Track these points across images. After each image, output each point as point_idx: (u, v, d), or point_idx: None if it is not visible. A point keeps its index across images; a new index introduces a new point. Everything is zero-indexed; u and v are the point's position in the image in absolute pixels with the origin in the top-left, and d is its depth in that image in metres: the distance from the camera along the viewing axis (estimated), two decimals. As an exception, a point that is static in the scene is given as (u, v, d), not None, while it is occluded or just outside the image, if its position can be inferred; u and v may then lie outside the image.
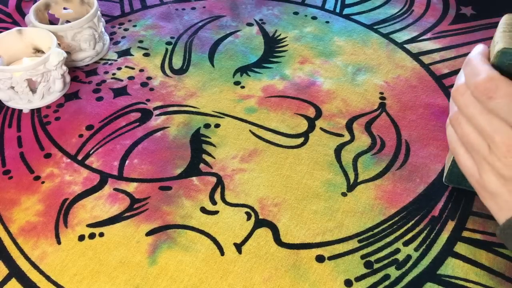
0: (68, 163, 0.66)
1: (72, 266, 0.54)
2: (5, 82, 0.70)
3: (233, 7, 0.95)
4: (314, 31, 0.87)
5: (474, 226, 0.57)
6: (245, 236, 0.57)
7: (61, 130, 0.71)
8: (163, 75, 0.79)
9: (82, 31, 0.79)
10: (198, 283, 0.52)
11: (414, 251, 0.55)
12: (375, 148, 0.66)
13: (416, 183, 0.62)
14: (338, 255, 0.55)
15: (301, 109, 0.72)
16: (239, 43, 0.85)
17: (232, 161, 0.65)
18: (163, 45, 0.86)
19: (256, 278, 0.53)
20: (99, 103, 0.75)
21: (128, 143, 0.68)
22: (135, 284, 0.53)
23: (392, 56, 0.81)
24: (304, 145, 0.67)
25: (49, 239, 0.57)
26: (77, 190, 0.62)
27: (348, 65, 0.80)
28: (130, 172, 0.64)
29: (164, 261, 0.55)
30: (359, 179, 0.62)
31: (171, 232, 0.57)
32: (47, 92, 0.74)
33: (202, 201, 0.61)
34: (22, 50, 0.78)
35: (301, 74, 0.79)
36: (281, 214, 0.59)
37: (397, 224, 0.58)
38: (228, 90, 0.76)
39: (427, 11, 0.92)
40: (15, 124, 0.72)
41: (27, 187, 0.63)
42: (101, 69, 0.81)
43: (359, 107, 0.72)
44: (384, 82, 0.76)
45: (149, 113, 0.73)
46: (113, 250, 0.56)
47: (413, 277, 0.53)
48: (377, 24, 0.89)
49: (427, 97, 0.74)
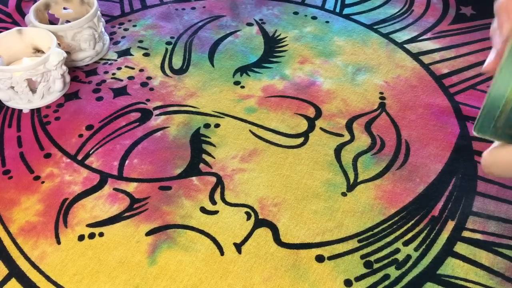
0: (68, 163, 0.66)
1: (71, 266, 0.54)
2: (5, 82, 0.70)
3: (233, 7, 0.95)
4: (314, 31, 0.87)
5: (474, 226, 0.57)
6: (245, 236, 0.57)
7: (61, 130, 0.71)
8: (163, 75, 0.79)
9: (82, 31, 0.79)
10: (198, 283, 0.52)
11: (414, 251, 0.55)
12: (375, 148, 0.66)
13: (416, 183, 0.62)
14: (338, 255, 0.55)
15: (301, 109, 0.72)
16: (239, 43, 0.85)
17: (232, 161, 0.65)
18: (163, 45, 0.86)
19: (255, 278, 0.53)
20: (99, 103, 0.75)
21: (128, 143, 0.68)
22: (134, 284, 0.53)
23: (392, 56, 0.81)
24: (304, 145, 0.67)
25: (49, 239, 0.57)
26: (77, 190, 0.62)
27: (348, 65, 0.80)
28: (130, 172, 0.64)
29: (164, 261, 0.55)
30: (359, 179, 0.62)
31: (171, 232, 0.57)
32: (47, 92, 0.74)
33: (202, 201, 0.61)
34: (22, 50, 0.78)
35: (301, 74, 0.79)
36: (281, 214, 0.59)
37: (397, 224, 0.58)
38: (228, 90, 0.76)
39: (427, 11, 0.92)
40: (15, 124, 0.72)
41: (27, 187, 0.63)
42: (101, 69, 0.81)
43: (359, 107, 0.72)
44: (384, 82, 0.76)
45: (149, 113, 0.73)
46: (112, 250, 0.56)
47: (413, 277, 0.53)
48: (377, 24, 0.89)
49: (427, 97, 0.74)
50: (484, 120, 0.32)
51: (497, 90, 0.31)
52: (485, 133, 0.32)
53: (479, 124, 0.32)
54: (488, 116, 0.32)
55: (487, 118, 0.32)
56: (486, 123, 0.32)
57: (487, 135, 0.32)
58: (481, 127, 0.32)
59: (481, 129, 0.32)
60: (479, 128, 0.32)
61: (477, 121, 0.32)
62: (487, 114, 0.32)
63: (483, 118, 0.32)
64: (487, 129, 0.32)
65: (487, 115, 0.32)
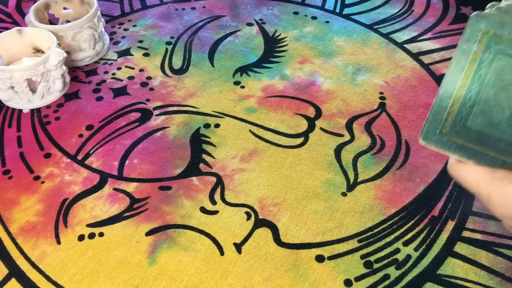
0: (68, 163, 0.66)
1: (71, 266, 0.54)
2: (5, 82, 0.70)
3: (233, 7, 0.95)
4: (314, 31, 0.87)
5: (474, 226, 0.57)
6: (245, 236, 0.57)
7: (61, 130, 0.71)
8: (163, 75, 0.79)
9: (82, 31, 0.79)
10: (198, 283, 0.52)
11: (414, 251, 0.55)
12: (375, 148, 0.66)
13: (416, 183, 0.62)
14: (337, 255, 0.55)
15: (301, 109, 0.72)
16: (239, 43, 0.85)
17: (232, 161, 0.65)
18: (163, 45, 0.86)
19: (255, 278, 0.53)
20: (99, 103, 0.75)
21: (128, 143, 0.68)
22: (134, 284, 0.53)
23: (392, 56, 0.81)
24: (304, 145, 0.67)
25: (49, 239, 0.57)
26: (77, 190, 0.62)
27: (348, 65, 0.80)
28: (130, 172, 0.64)
29: (163, 261, 0.55)
30: (359, 179, 0.62)
31: (171, 232, 0.57)
32: (47, 92, 0.74)
33: (202, 201, 0.61)
34: (22, 50, 0.78)
35: (301, 74, 0.78)
36: (281, 214, 0.59)
37: (397, 224, 0.58)
38: (228, 90, 0.76)
39: (427, 11, 0.91)
40: (15, 124, 0.72)
41: (27, 187, 0.63)
42: (101, 69, 0.81)
43: (359, 107, 0.72)
44: (384, 82, 0.76)
45: (149, 113, 0.73)
46: (112, 250, 0.56)
47: (413, 277, 0.53)
48: (377, 24, 0.89)
49: (427, 97, 0.74)
50: (431, 125, 0.30)
51: (445, 88, 0.30)
52: (430, 141, 0.31)
53: (424, 130, 0.31)
54: (434, 120, 0.30)
55: (433, 122, 0.30)
56: (432, 128, 0.30)
57: (432, 143, 0.31)
58: (426, 133, 0.31)
59: (426, 136, 0.31)
60: (424, 135, 0.31)
61: (423, 127, 0.31)
62: (433, 118, 0.30)
63: (430, 123, 0.31)
64: (433, 136, 0.31)
65: (433, 119, 0.30)
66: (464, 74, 0.31)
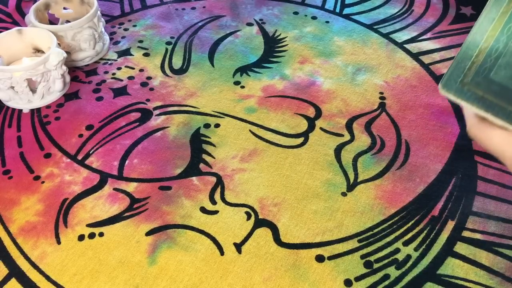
0: (68, 163, 0.66)
1: (72, 266, 0.54)
2: (5, 82, 0.70)
3: (233, 7, 0.95)
4: (314, 31, 0.87)
5: (474, 226, 0.57)
6: (245, 236, 0.57)
7: (61, 130, 0.71)
8: (163, 75, 0.79)
9: (82, 31, 0.79)
10: (198, 283, 0.52)
11: (414, 251, 0.55)
12: (375, 148, 0.66)
13: (416, 183, 0.62)
14: (338, 255, 0.55)
15: (301, 109, 0.72)
16: (239, 43, 0.85)
17: (232, 161, 0.65)
18: (163, 45, 0.86)
19: (256, 278, 0.53)
20: (99, 103, 0.75)
21: (128, 143, 0.68)
22: (134, 284, 0.53)
23: (392, 56, 0.81)
24: (304, 145, 0.67)
25: (49, 239, 0.57)
26: (77, 190, 0.62)
27: (348, 65, 0.80)
28: (130, 172, 0.64)
29: (164, 261, 0.55)
30: (359, 179, 0.62)
31: (171, 232, 0.57)
32: (47, 92, 0.74)
33: (202, 201, 0.61)
34: (22, 50, 0.78)
35: (301, 74, 0.78)
36: (281, 214, 0.59)
37: (397, 224, 0.58)
38: (228, 90, 0.76)
39: (427, 11, 0.91)
40: (15, 124, 0.72)
41: (27, 187, 0.63)
42: (101, 69, 0.81)
43: (359, 107, 0.72)
44: (384, 82, 0.76)
45: (149, 113, 0.73)
46: (112, 250, 0.56)
47: (413, 277, 0.53)
48: (377, 24, 0.89)
49: (427, 97, 0.74)
50: (453, 72, 0.29)
51: (473, 37, 0.29)
52: (450, 89, 0.30)
53: (446, 78, 0.30)
54: (457, 68, 0.30)
55: (456, 70, 0.30)
56: (454, 76, 0.29)
57: (452, 92, 0.29)
58: (447, 81, 0.30)
59: (447, 84, 0.30)
60: (445, 83, 0.30)
61: (444, 75, 0.30)
62: (457, 66, 0.30)
63: (452, 70, 0.29)
64: (453, 85, 0.30)
65: (457, 66, 0.30)
66: (493, 25, 0.30)
